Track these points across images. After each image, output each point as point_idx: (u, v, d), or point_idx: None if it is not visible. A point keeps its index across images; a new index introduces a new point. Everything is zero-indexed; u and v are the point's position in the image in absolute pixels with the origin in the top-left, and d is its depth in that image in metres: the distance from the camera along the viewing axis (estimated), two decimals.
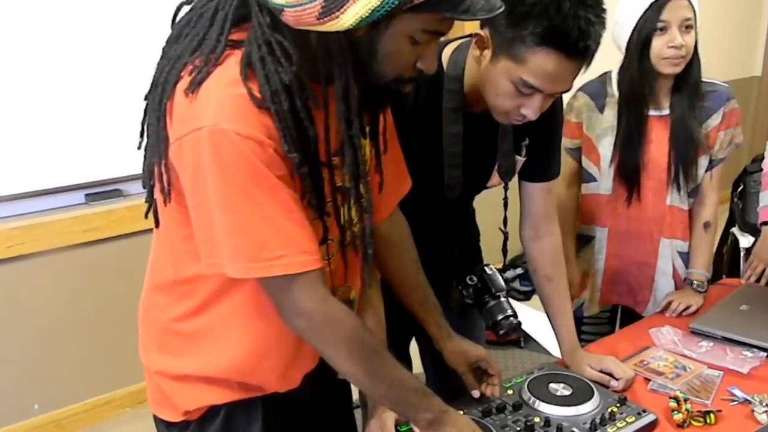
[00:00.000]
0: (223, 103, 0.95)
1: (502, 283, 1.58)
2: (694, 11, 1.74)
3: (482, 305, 1.56)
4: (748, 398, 1.45)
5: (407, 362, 1.72)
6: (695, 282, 1.92)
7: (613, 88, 1.87)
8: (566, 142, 1.88)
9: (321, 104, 0.99)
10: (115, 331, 2.72)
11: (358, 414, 1.51)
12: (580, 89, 1.92)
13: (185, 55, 1.00)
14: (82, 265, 2.68)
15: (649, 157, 1.86)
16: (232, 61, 0.97)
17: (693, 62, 1.79)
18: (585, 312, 2.06)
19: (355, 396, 1.46)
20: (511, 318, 1.53)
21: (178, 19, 1.06)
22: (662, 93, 1.83)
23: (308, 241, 1.02)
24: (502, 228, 1.61)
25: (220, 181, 0.95)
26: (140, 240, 2.64)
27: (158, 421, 1.26)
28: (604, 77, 1.90)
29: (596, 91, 1.89)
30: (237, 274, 1.01)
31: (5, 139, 2.43)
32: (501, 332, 1.54)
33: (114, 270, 2.72)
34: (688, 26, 1.73)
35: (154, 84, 1.03)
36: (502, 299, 1.55)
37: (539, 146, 1.54)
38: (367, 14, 0.90)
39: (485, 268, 1.59)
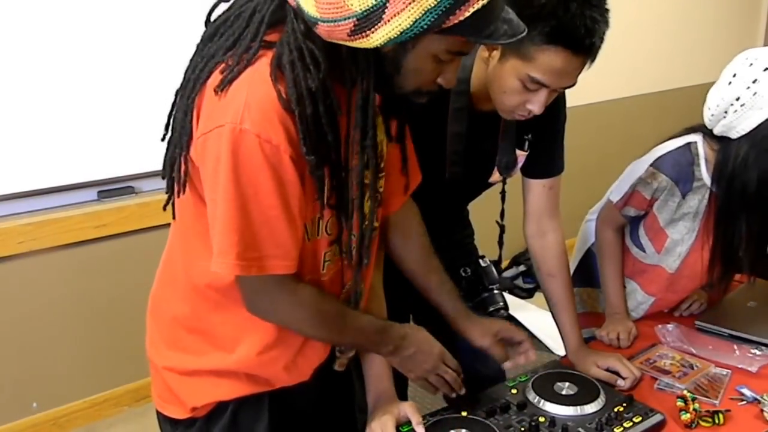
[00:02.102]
0: (250, 103, 0.98)
1: (496, 275, 1.59)
2: None
3: (474, 297, 1.56)
4: (758, 398, 1.42)
5: None
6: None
7: (702, 172, 1.61)
8: (629, 210, 1.70)
9: (344, 110, 1.03)
10: (117, 329, 2.70)
11: None
12: (662, 170, 1.63)
13: (219, 54, 1.04)
14: (91, 261, 2.65)
15: None
16: (264, 63, 1.00)
17: None
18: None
19: None
20: (502, 310, 1.54)
21: (214, 17, 1.09)
22: None
23: (295, 249, 1.07)
24: (499, 220, 1.62)
25: (231, 177, 0.99)
26: (150, 236, 2.65)
27: (162, 418, 1.26)
28: (691, 157, 1.61)
29: (682, 176, 1.62)
30: (221, 269, 1.04)
31: (19, 136, 2.41)
32: None
33: (122, 267, 2.70)
34: None
35: (186, 80, 1.07)
36: (495, 291, 1.56)
37: (541, 142, 1.56)
38: (396, 35, 0.93)
39: (479, 260, 1.59)
